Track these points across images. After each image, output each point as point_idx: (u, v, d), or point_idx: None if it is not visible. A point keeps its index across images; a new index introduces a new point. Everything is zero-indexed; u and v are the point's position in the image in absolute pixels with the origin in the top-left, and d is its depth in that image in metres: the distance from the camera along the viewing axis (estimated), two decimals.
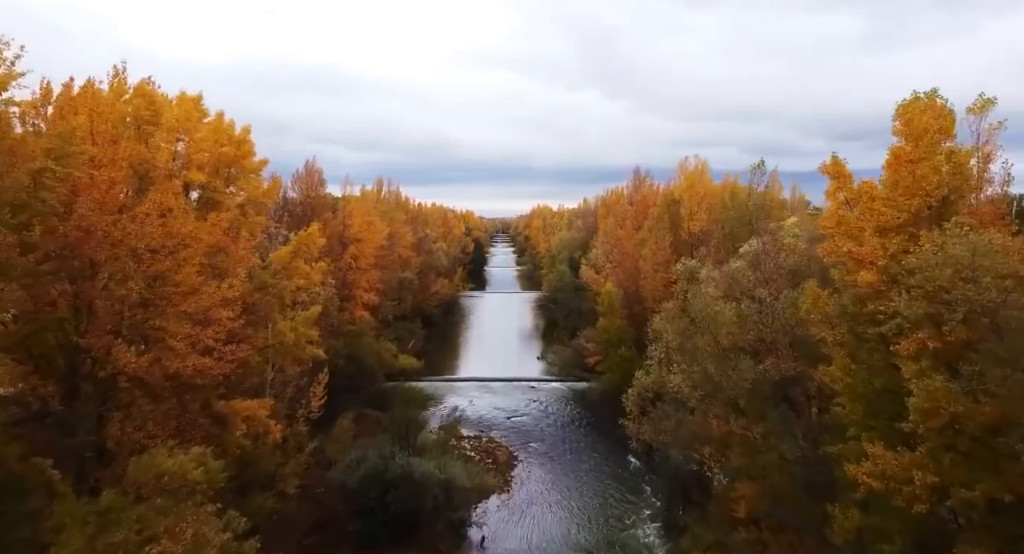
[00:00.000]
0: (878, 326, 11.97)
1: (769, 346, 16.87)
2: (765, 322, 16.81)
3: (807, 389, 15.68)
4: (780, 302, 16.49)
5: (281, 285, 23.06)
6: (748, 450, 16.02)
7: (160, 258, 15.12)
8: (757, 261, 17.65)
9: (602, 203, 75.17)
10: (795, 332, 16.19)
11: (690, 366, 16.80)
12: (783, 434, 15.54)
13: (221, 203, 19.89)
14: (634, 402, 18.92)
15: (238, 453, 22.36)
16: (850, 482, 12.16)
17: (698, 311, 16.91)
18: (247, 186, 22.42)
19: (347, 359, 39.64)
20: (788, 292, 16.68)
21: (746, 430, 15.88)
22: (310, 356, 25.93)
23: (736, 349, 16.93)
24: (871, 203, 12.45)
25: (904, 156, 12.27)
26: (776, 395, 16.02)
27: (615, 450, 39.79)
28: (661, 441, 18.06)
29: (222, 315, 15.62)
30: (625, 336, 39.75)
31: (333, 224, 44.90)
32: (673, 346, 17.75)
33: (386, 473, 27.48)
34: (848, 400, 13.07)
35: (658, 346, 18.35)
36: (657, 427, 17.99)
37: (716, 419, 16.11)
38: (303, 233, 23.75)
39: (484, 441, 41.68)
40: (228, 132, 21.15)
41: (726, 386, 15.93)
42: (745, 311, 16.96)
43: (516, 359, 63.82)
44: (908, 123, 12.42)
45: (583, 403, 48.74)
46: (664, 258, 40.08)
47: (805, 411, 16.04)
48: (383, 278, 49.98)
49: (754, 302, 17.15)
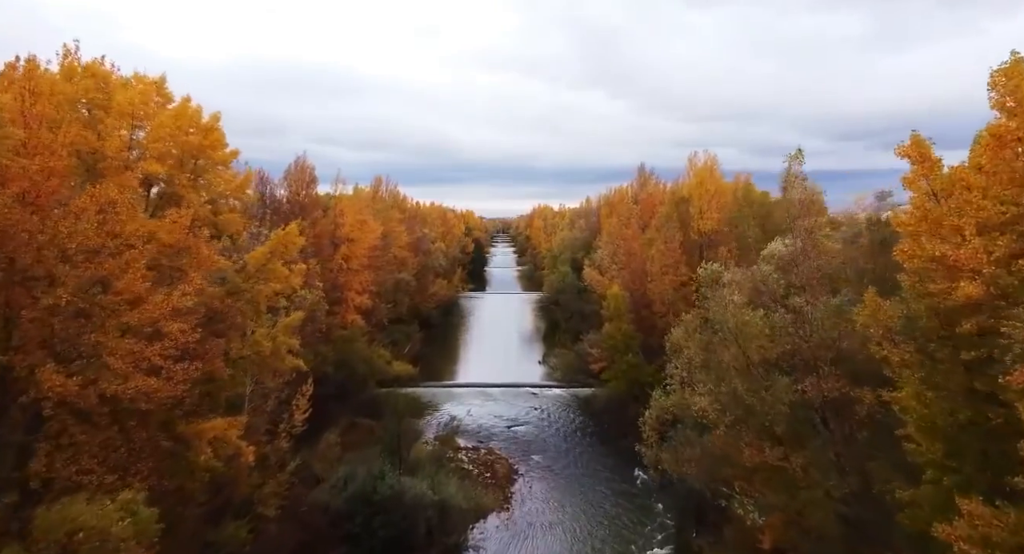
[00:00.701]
0: (975, 348, 9.71)
1: (807, 363, 14.65)
2: (802, 334, 14.60)
3: (855, 414, 13.49)
4: (820, 311, 14.28)
5: (256, 290, 20.80)
6: (786, 484, 13.82)
7: (99, 261, 12.84)
8: (792, 264, 15.43)
9: (605, 202, 72.86)
10: (839, 346, 13.99)
11: (716, 386, 14.56)
12: (828, 467, 13.33)
13: (184, 198, 17.60)
14: (652, 427, 16.69)
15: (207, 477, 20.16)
16: (923, 534, 9.93)
17: (724, 321, 14.69)
18: (216, 179, 20.14)
19: (337, 366, 37.37)
20: (829, 300, 14.45)
21: (783, 461, 13.69)
22: (290, 367, 23.64)
23: (768, 365, 14.70)
24: (966, 194, 10.08)
25: (1008, 134, 9.89)
26: (818, 421, 13.81)
27: (621, 463, 37.53)
28: (684, 472, 15.86)
29: (173, 328, 13.34)
30: (632, 342, 37.48)
31: (324, 223, 42.65)
32: (696, 363, 15.54)
33: (374, 495, 25.26)
34: (923, 435, 10.79)
35: (678, 362, 16.10)
36: (678, 456, 15.77)
37: (748, 447, 13.92)
38: (280, 232, 21.48)
39: (483, 453, 39.40)
40: (194, 119, 18.87)
41: (759, 410, 13.71)
42: (778, 322, 14.73)
43: (517, 363, 61.58)
44: (1014, 92, 10.00)
45: (587, 411, 46.46)
46: (674, 259, 37.85)
47: (853, 440, 13.83)
48: (377, 280, 47.72)
49: (788, 311, 14.93)
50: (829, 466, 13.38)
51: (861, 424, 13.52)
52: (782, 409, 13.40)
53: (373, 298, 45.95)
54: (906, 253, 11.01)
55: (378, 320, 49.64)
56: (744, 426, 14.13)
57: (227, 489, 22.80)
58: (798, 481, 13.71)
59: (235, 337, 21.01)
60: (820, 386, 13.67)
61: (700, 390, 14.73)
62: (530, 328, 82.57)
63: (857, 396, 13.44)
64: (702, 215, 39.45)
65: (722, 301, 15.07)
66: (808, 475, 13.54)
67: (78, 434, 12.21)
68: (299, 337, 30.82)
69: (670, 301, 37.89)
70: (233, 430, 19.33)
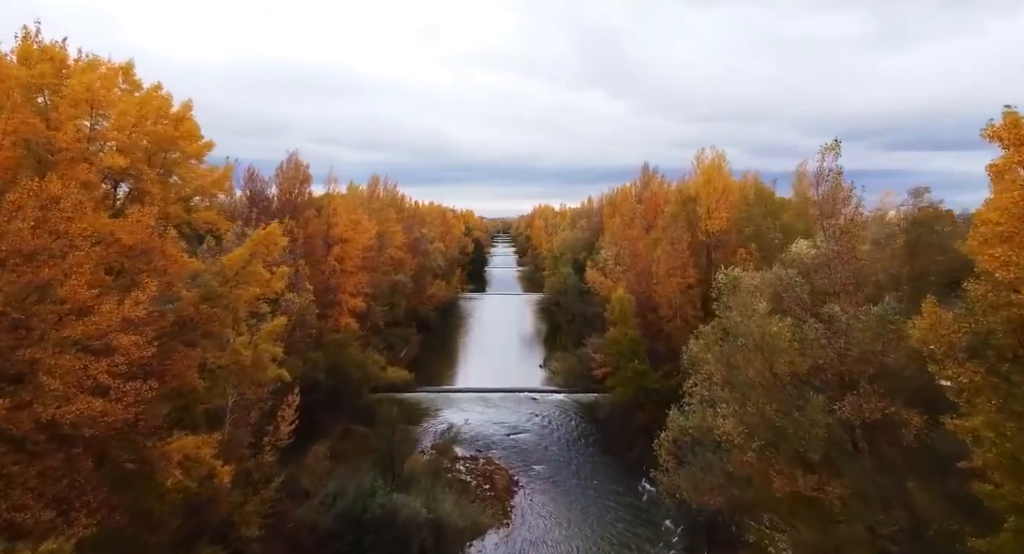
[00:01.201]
0: None
1: (842, 379, 13.01)
2: (837, 347, 12.96)
3: (901, 439, 11.85)
4: (859, 321, 12.62)
5: (235, 295, 19.11)
6: (821, 518, 12.18)
7: (36, 265, 11.15)
8: (825, 267, 13.75)
9: (608, 202, 71.19)
10: (883, 361, 12.33)
11: (742, 407, 12.91)
12: (871, 499, 11.68)
13: (149, 193, 15.94)
14: (668, 450, 15.02)
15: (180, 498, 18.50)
16: None
17: (748, 333, 13.03)
18: (189, 174, 18.47)
19: (329, 372, 35.67)
20: (869, 308, 12.77)
21: (818, 491, 12.06)
22: (273, 377, 21.96)
23: (798, 382, 13.06)
24: None
25: None
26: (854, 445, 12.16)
27: (626, 474, 35.85)
28: (705, 502, 14.22)
29: (125, 341, 11.67)
30: (638, 348, 35.80)
31: (316, 223, 41.00)
32: (717, 380, 13.88)
33: (364, 513, 23.58)
34: (1003, 474, 9.13)
35: (697, 378, 14.45)
36: (699, 484, 14.12)
37: (778, 476, 12.28)
38: (261, 231, 19.80)
39: (481, 463, 37.68)
40: (162, 108, 17.20)
41: (792, 434, 12.06)
42: (809, 333, 13.07)
43: (517, 367, 59.88)
44: None
45: (590, 418, 44.76)
46: (681, 261, 36.18)
47: (895, 468, 12.18)
48: (372, 281, 46.04)
49: (821, 321, 13.27)
50: (872, 498, 11.75)
51: (907, 451, 11.90)
52: (818, 433, 11.76)
53: (368, 300, 44.28)
54: (997, 259, 9.25)
55: (373, 323, 47.98)
56: (774, 451, 12.49)
57: (204, 510, 21.14)
58: (835, 514, 12.09)
59: (211, 346, 19.34)
60: (860, 407, 12.04)
61: (723, 411, 13.08)
62: (531, 330, 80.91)
63: (903, 418, 11.81)
64: (710, 215, 37.78)
65: (746, 310, 13.42)
66: (848, 508, 11.91)
67: (9, 465, 10.55)
68: (286, 343, 29.23)
69: (677, 304, 36.26)
70: (206, 448, 17.66)
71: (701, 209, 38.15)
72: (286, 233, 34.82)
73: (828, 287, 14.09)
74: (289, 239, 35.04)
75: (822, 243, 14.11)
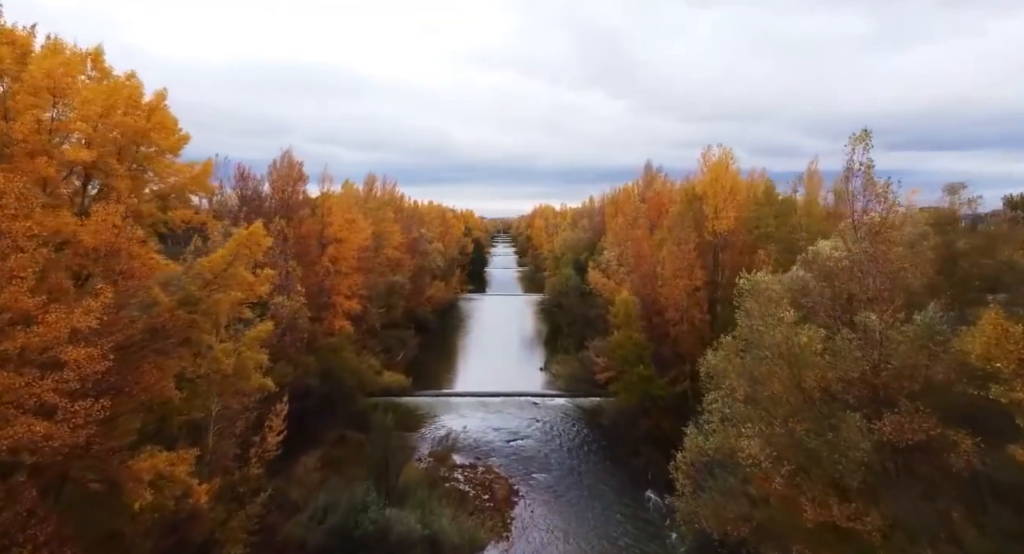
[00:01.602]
0: None
1: (877, 395, 11.69)
2: (872, 360, 11.65)
3: (949, 464, 10.55)
4: (900, 332, 11.31)
5: (214, 299, 17.77)
6: (859, 551, 10.88)
7: None
8: (858, 271, 12.41)
9: (610, 201, 69.84)
10: (928, 375, 11.02)
11: (769, 426, 11.59)
12: (915, 531, 10.38)
13: (116, 189, 14.61)
14: (685, 473, 13.71)
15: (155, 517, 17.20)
16: None
17: (775, 345, 11.69)
18: (164, 169, 17.14)
19: (322, 378, 34.35)
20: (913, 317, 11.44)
21: (855, 521, 10.76)
22: (256, 386, 20.64)
23: (828, 398, 11.73)
24: None
25: None
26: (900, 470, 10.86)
27: (630, 483, 34.53)
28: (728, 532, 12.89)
29: (76, 354, 10.35)
30: (643, 352, 34.47)
31: (310, 223, 39.70)
32: (739, 395, 12.57)
33: (356, 529, 22.28)
34: None
35: (718, 394, 13.11)
36: (721, 511, 12.78)
37: (811, 504, 10.99)
38: (243, 231, 18.48)
39: (480, 471, 36.35)
40: (132, 97, 15.86)
41: (827, 457, 10.76)
42: (842, 345, 11.75)
43: (517, 370, 58.54)
44: None
45: (592, 424, 43.42)
46: (687, 262, 34.84)
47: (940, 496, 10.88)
48: (368, 283, 44.72)
49: (854, 330, 11.95)
50: (916, 530, 10.44)
51: (955, 478, 10.61)
52: (856, 456, 10.45)
53: (363, 302, 42.97)
54: None
55: (370, 326, 46.67)
56: (805, 476, 11.20)
57: (183, 528, 19.82)
58: (874, 547, 10.79)
59: (189, 354, 18.03)
60: (902, 426, 10.73)
61: (748, 431, 11.77)
62: (531, 332, 79.57)
63: (951, 441, 10.52)
64: (717, 214, 36.43)
65: (771, 318, 12.10)
66: (888, 541, 10.61)
67: None
68: (276, 349, 27.92)
69: (684, 307, 34.93)
70: (182, 465, 16.34)
71: (708, 208, 36.80)
72: (277, 233, 33.69)
73: (860, 293, 12.78)
74: (281, 239, 33.83)
75: (853, 244, 12.79)
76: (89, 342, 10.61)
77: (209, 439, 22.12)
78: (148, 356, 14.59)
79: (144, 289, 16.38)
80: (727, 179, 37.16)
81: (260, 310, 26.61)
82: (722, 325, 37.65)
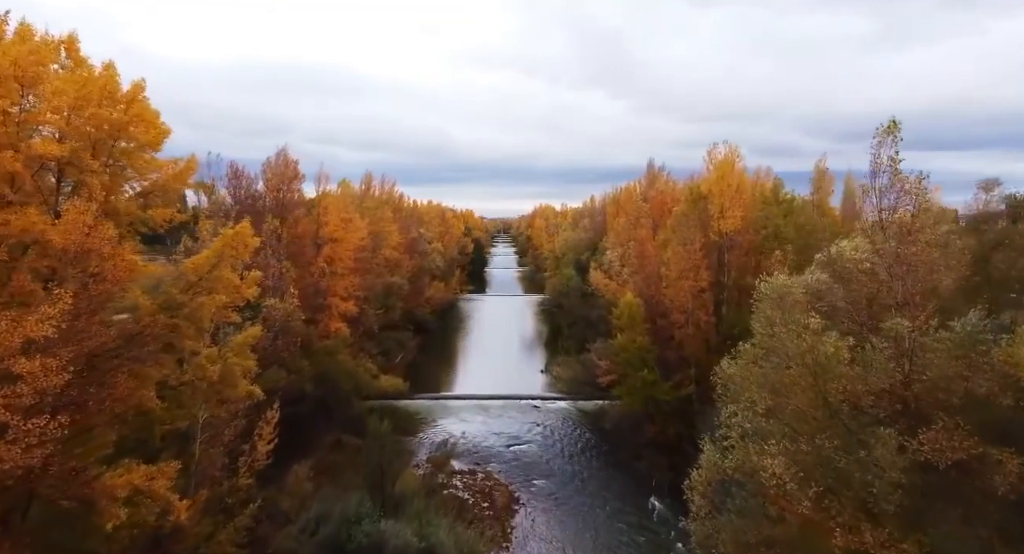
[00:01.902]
0: None
1: (908, 409, 10.73)
2: (903, 370, 10.68)
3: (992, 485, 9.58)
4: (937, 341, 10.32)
5: (197, 303, 16.81)
6: None
7: None
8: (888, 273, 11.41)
9: (612, 200, 68.89)
10: (968, 388, 10.07)
11: (794, 443, 10.59)
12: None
13: (88, 187, 13.65)
14: (701, 494, 12.69)
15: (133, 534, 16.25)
16: None
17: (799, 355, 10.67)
18: (144, 166, 16.17)
19: (317, 382, 33.39)
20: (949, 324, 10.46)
21: (890, 548, 9.79)
22: (244, 394, 19.68)
23: (855, 412, 10.76)
24: None
25: None
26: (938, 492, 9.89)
27: (634, 490, 33.58)
28: None
29: (28, 367, 9.39)
30: (648, 356, 33.51)
31: (306, 223, 38.73)
32: (760, 408, 11.58)
33: (349, 542, 21.33)
34: None
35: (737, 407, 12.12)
36: (741, 536, 11.79)
37: (841, 529, 10.01)
38: (228, 230, 17.52)
39: (480, 477, 35.41)
40: (108, 88, 14.88)
41: (858, 478, 9.78)
42: (872, 354, 10.75)
43: (517, 372, 57.59)
44: None
45: (594, 428, 42.45)
46: (692, 262, 33.85)
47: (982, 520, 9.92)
48: (365, 284, 43.75)
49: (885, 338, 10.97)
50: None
51: (1000, 502, 9.64)
52: (893, 478, 9.46)
53: (360, 304, 42.01)
54: None
55: (367, 327, 45.71)
56: (835, 499, 10.23)
57: (165, 543, 18.88)
58: None
59: (170, 361, 17.07)
60: (940, 443, 9.79)
61: (771, 448, 10.76)
62: (531, 333, 78.62)
63: (995, 460, 9.58)
64: (723, 214, 35.44)
65: (794, 325, 11.11)
66: None
67: None
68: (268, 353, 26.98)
69: (689, 310, 33.95)
70: (162, 479, 15.38)
71: (713, 208, 35.80)
72: (271, 232, 32.73)
73: (887, 297, 11.82)
74: (274, 239, 32.88)
75: (881, 244, 11.83)
76: (47, 352, 9.66)
77: (196, 449, 21.18)
78: (123, 365, 13.63)
79: (120, 293, 15.46)
80: (733, 177, 36.18)
81: (251, 312, 25.68)
82: (728, 328, 36.81)
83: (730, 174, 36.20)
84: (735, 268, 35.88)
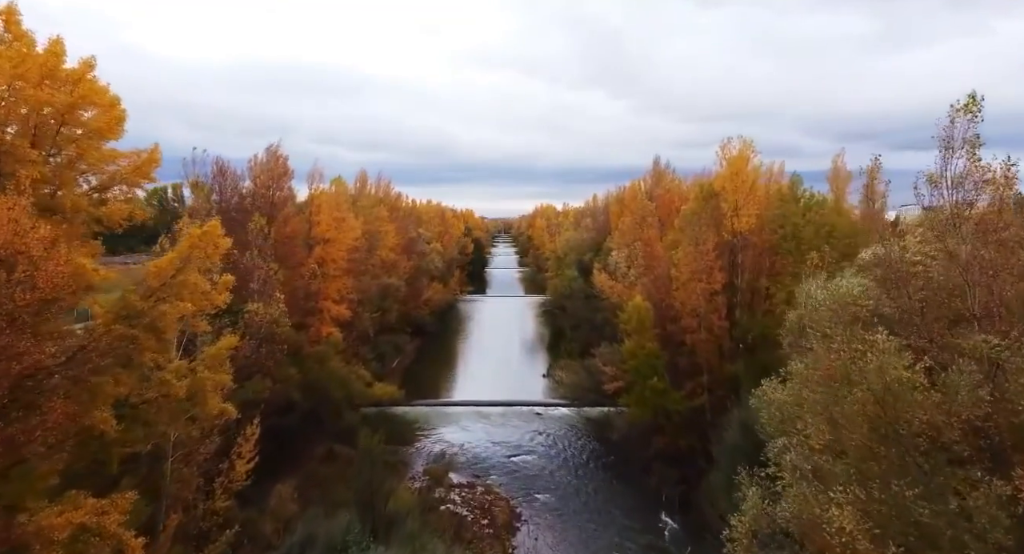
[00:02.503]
0: None
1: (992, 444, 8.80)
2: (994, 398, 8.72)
3: None
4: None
5: (159, 311, 14.84)
6: None
7: None
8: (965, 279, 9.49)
9: (616, 200, 66.90)
10: None
11: (863, 489, 8.63)
12: None
13: (14, 178, 11.71)
14: (746, 548, 10.69)
15: None
16: None
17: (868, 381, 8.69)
18: (97, 156, 14.21)
19: (306, 391, 31.42)
20: None
21: None
22: (214, 413, 17.71)
23: (936, 449, 8.83)
24: None
25: None
26: None
27: (643, 505, 31.63)
28: None
29: None
30: (657, 362, 31.56)
31: (296, 222, 36.75)
32: (818, 444, 9.62)
33: None
34: None
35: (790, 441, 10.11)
36: None
37: None
38: (195, 230, 15.57)
39: (479, 491, 33.43)
40: (49, 65, 12.94)
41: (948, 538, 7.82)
42: (955, 379, 8.75)
43: (518, 377, 55.62)
44: None
45: (600, 437, 40.51)
46: (705, 264, 31.87)
47: None
48: (360, 286, 41.80)
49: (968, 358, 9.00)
50: None
51: None
52: (998, 539, 7.51)
53: (354, 307, 40.07)
54: None
55: (361, 331, 43.75)
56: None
57: None
58: None
59: (129, 378, 15.10)
60: None
61: (837, 495, 8.74)
62: (533, 336, 76.68)
63: None
64: (737, 212, 33.47)
65: (856, 342, 9.15)
66: None
67: None
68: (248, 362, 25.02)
69: (701, 313, 31.98)
70: (114, 513, 13.44)
71: (726, 206, 33.82)
72: (257, 232, 30.74)
73: (961, 307, 9.91)
74: (261, 239, 30.88)
75: (957, 245, 9.90)
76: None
77: (166, 470, 19.27)
78: (61, 387, 11.67)
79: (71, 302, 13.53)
80: (748, 174, 34.18)
81: (232, 319, 23.73)
82: (742, 333, 34.86)
83: (744, 170, 34.21)
84: (749, 270, 33.93)
